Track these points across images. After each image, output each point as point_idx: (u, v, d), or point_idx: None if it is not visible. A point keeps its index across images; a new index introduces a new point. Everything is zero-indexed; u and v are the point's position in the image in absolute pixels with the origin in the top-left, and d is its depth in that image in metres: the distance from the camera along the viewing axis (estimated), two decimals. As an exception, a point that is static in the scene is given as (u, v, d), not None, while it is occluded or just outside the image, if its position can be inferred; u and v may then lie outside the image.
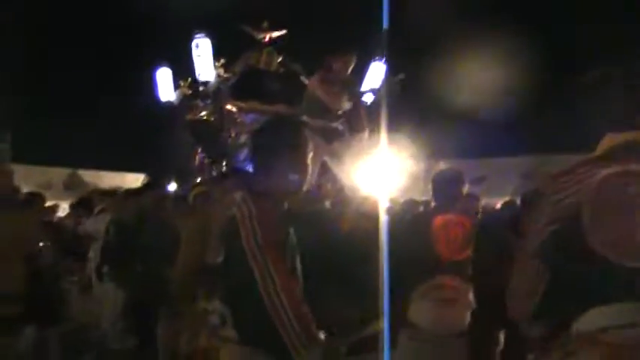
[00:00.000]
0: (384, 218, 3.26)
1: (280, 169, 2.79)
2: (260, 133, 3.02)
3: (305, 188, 2.95)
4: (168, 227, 5.62)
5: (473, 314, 4.38)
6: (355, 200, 5.20)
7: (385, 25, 2.68)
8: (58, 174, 18.24)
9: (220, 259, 2.91)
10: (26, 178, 12.93)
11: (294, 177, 2.80)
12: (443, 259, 4.24)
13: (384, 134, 2.75)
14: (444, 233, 4.29)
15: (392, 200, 6.29)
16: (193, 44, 9.36)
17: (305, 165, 2.88)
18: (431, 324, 4.24)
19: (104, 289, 8.77)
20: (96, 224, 9.49)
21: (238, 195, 2.80)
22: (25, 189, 8.02)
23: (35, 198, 7.06)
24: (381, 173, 4.06)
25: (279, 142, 2.83)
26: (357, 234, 4.45)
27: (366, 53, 9.68)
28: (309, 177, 2.92)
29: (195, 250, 4.48)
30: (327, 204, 5.70)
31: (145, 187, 7.60)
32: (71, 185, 17.83)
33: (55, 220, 11.65)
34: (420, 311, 4.24)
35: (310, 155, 2.90)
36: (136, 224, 7.00)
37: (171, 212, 6.20)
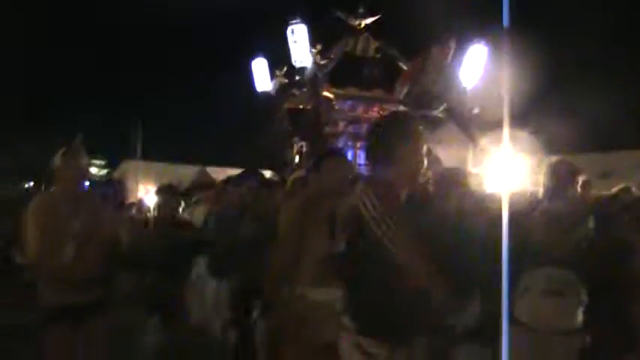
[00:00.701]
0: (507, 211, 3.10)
1: (399, 161, 2.92)
2: (380, 128, 3.13)
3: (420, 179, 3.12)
4: (268, 217, 5.52)
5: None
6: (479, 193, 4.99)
7: (506, 22, 2.54)
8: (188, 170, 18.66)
9: (342, 248, 3.01)
10: (159, 175, 13.28)
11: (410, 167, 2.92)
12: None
13: (505, 128, 2.61)
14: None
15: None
16: (289, 30, 9.26)
17: (420, 156, 2.99)
18: (535, 319, 4.00)
19: (204, 283, 8.81)
20: (191, 216, 9.56)
21: (358, 185, 3.01)
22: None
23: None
24: (501, 167, 3.86)
25: (399, 136, 2.96)
26: (478, 226, 4.27)
27: (465, 36, 9.38)
28: (424, 168, 3.02)
29: (294, 238, 4.37)
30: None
31: (243, 177, 7.52)
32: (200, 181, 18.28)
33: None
34: (524, 306, 3.99)
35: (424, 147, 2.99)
36: (236, 216, 6.96)
37: (268, 201, 6.08)
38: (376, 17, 10.78)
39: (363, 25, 10.67)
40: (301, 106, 9.81)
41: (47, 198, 4.69)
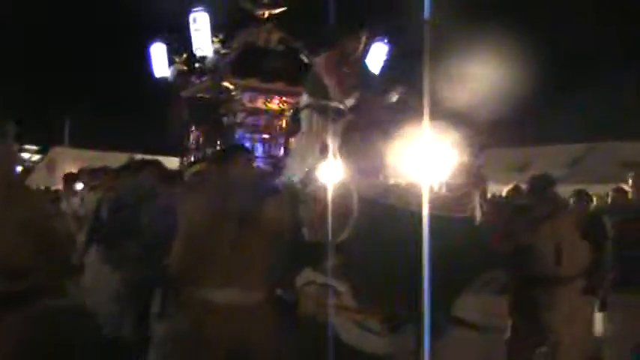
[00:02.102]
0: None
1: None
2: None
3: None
4: (169, 208, 5.39)
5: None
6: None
7: (427, 15, 2.57)
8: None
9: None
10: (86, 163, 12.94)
11: None
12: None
13: (425, 118, 2.66)
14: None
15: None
16: (191, 18, 9.06)
17: None
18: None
19: (97, 271, 8.55)
20: (85, 202, 9.28)
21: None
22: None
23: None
24: (420, 160, 3.92)
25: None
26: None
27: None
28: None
29: (192, 232, 4.27)
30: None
31: (143, 164, 7.33)
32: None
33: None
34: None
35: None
36: (134, 203, 6.76)
37: (169, 192, 5.95)
38: (281, 9, 10.71)
39: (267, 16, 10.57)
40: (200, 95, 9.64)
41: None
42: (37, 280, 4.60)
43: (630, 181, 6.10)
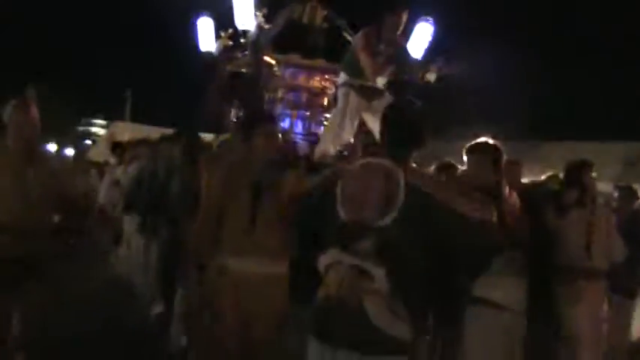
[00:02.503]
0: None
1: None
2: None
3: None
4: (197, 178, 5.44)
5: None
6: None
7: None
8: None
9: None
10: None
11: None
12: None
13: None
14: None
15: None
16: (234, -9, 9.03)
17: None
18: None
19: (132, 242, 8.71)
20: (125, 173, 9.43)
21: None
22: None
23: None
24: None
25: None
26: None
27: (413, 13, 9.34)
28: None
29: (215, 204, 4.31)
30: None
31: (176, 135, 7.40)
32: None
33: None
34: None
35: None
36: (164, 175, 6.85)
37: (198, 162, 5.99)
38: (327, -14, 10.63)
39: (312, -7, 10.51)
40: (243, 70, 9.63)
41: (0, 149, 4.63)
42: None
43: None
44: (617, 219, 6.25)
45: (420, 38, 9.31)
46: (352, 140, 7.02)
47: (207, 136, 9.74)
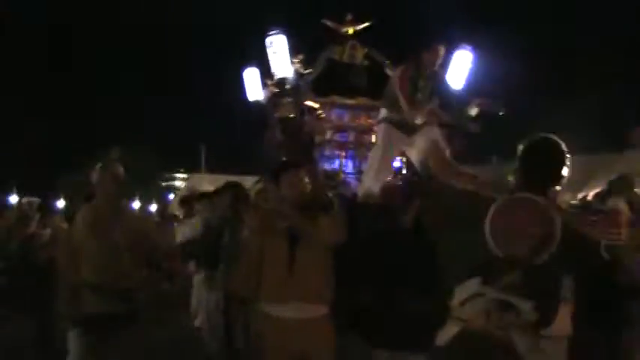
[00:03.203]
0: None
1: None
2: None
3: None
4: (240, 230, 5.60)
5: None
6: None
7: None
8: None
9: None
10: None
11: None
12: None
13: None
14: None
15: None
16: (267, 42, 9.28)
17: None
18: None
19: (199, 291, 8.86)
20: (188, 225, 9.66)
21: None
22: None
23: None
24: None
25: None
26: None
27: (451, 42, 9.40)
28: None
29: (253, 252, 4.41)
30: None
31: (225, 187, 7.58)
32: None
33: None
34: None
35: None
36: (218, 226, 7.02)
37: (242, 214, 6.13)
38: (365, 24, 10.82)
39: (351, 32, 10.70)
40: (288, 116, 9.83)
41: (90, 210, 4.86)
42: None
43: None
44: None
45: (460, 66, 9.36)
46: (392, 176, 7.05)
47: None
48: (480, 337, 2.99)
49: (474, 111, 7.02)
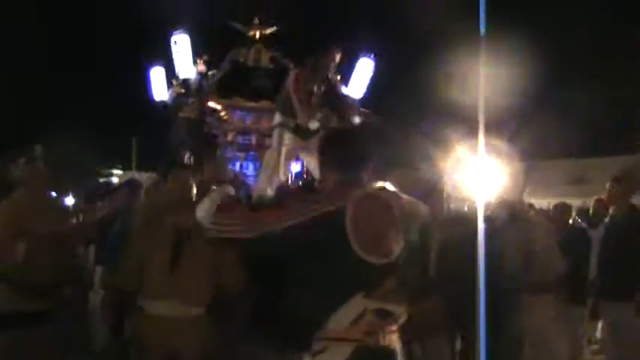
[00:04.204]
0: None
1: None
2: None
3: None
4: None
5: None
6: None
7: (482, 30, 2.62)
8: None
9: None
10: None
11: None
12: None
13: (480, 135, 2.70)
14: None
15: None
16: (172, 41, 9.27)
17: None
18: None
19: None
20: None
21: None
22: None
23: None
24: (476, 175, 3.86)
25: None
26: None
27: (355, 50, 9.62)
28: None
29: (135, 246, 4.42)
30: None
31: (122, 184, 7.60)
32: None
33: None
34: None
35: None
36: (112, 220, 6.99)
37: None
38: (272, 29, 10.92)
39: (258, 36, 10.78)
40: (191, 116, 9.83)
41: (9, 203, 4.81)
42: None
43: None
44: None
45: (362, 74, 9.58)
46: (286, 179, 7.08)
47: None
48: (374, 352, 2.90)
49: (355, 120, 7.15)
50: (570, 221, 7.62)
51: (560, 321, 6.11)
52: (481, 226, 3.25)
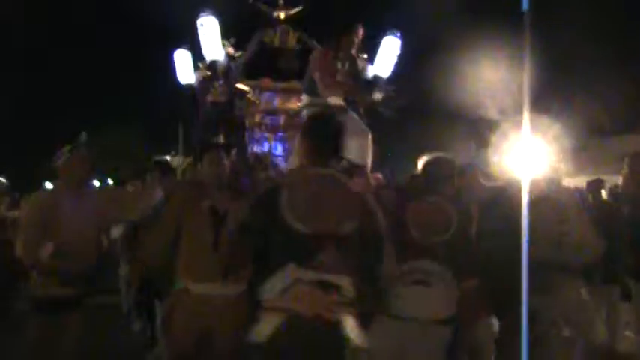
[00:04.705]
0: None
1: None
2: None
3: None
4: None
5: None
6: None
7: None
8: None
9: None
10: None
11: None
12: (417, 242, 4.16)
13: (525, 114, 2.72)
14: (419, 217, 4.23)
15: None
16: (198, 23, 9.24)
17: None
18: (407, 308, 4.13)
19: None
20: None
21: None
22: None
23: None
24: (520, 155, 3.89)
25: None
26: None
27: (382, 27, 9.55)
28: None
29: (168, 227, 4.46)
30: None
31: (154, 163, 7.64)
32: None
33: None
34: (396, 295, 4.13)
35: None
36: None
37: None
38: (297, 9, 10.90)
39: (283, 17, 10.77)
40: (220, 99, 9.84)
41: (47, 194, 5.03)
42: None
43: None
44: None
45: (388, 53, 9.50)
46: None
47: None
48: (308, 322, 2.97)
49: (377, 96, 7.13)
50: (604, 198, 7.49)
51: (595, 302, 6.05)
52: (525, 207, 3.25)
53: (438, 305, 4.16)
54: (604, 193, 7.45)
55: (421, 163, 4.61)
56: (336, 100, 6.51)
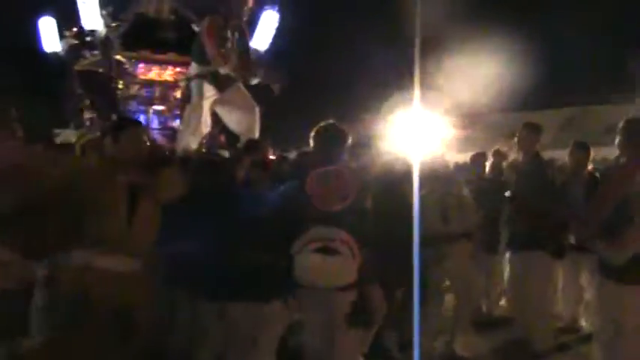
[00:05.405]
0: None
1: None
2: None
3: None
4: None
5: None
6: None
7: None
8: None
9: None
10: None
11: None
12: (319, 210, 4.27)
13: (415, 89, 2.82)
14: (319, 185, 4.33)
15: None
16: (77, -9, 8.92)
17: None
18: (309, 276, 4.24)
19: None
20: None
21: None
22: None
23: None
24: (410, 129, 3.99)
25: None
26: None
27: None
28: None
29: (81, 201, 4.35)
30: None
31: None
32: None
33: None
34: (299, 264, 4.21)
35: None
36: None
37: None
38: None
39: (157, -14, 10.52)
40: (93, 69, 9.53)
41: None
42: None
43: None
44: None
45: (266, 27, 9.58)
46: (210, 131, 7.07)
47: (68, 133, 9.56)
48: None
49: (254, 81, 7.22)
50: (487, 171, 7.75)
51: (478, 269, 6.41)
52: (416, 181, 3.53)
53: (340, 273, 4.30)
54: (487, 167, 7.73)
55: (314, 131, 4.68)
56: (225, 71, 6.52)
